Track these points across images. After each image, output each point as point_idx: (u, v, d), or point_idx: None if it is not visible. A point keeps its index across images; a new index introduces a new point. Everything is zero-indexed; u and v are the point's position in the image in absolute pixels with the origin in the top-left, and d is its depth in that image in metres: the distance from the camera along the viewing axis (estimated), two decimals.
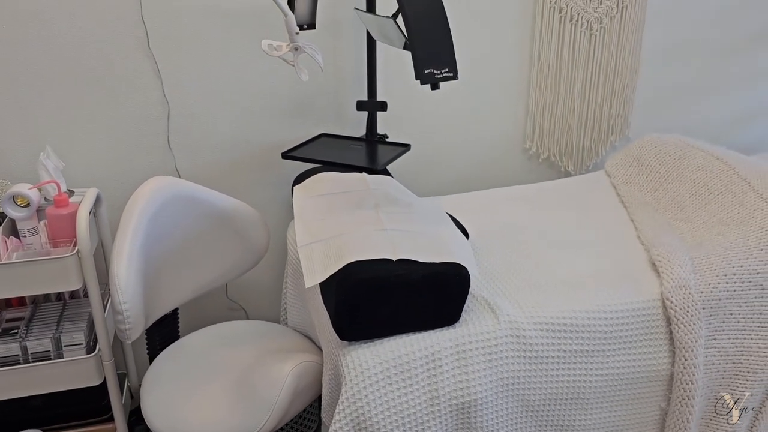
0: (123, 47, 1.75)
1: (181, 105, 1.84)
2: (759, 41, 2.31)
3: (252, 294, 2.13)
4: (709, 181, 1.68)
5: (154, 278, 1.55)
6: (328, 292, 1.28)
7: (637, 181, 1.87)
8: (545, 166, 2.26)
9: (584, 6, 2.04)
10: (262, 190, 2.00)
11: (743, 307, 1.42)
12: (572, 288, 1.42)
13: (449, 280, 1.25)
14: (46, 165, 1.61)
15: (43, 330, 1.62)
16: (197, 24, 1.78)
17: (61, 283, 1.52)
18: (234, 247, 1.72)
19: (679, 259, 1.44)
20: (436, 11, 1.15)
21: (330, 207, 1.49)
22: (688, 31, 2.21)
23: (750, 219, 1.52)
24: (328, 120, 1.98)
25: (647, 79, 2.24)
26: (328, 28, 1.87)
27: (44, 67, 1.72)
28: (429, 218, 1.46)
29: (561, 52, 2.09)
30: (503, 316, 1.31)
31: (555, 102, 2.15)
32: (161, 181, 1.54)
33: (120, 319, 1.39)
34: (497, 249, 1.60)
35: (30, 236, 1.59)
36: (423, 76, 1.13)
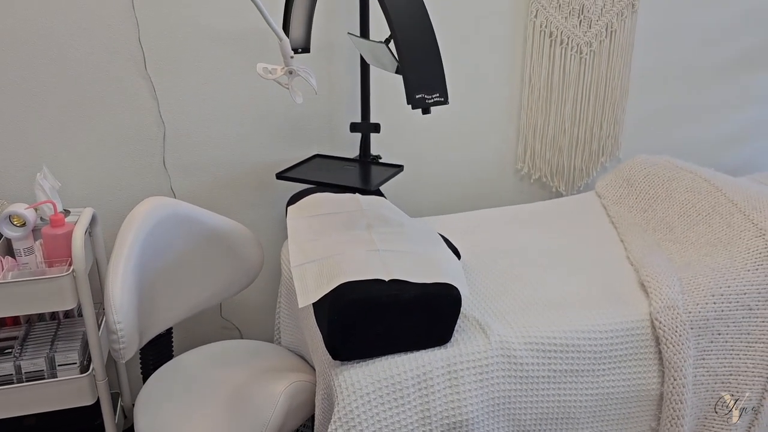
0: (120, 69, 1.77)
1: (177, 126, 1.87)
2: (745, 64, 2.35)
3: (246, 313, 2.14)
4: (697, 203, 1.71)
5: (148, 298, 1.56)
6: (320, 312, 1.30)
7: (627, 201, 1.90)
8: (537, 187, 2.29)
9: (574, 30, 2.08)
10: (256, 210, 2.02)
11: (731, 327, 1.44)
12: (562, 308, 1.43)
13: (441, 301, 1.27)
14: (42, 185, 1.62)
15: (37, 349, 1.62)
16: (194, 47, 1.81)
17: (56, 302, 1.52)
18: (228, 266, 1.73)
19: (668, 279, 1.46)
20: (427, 38, 1.18)
21: (323, 227, 1.51)
22: (676, 54, 2.26)
23: (737, 240, 1.55)
24: (322, 141, 2.01)
25: (637, 101, 2.28)
26: (322, 51, 1.90)
27: (41, 88, 1.74)
28: (421, 239, 1.48)
29: (551, 75, 2.13)
30: (494, 336, 1.32)
31: (546, 123, 2.18)
32: (156, 201, 1.55)
33: (114, 339, 1.39)
34: (488, 269, 1.62)
35: (25, 256, 1.60)
36: (414, 101, 1.15)
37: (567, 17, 2.06)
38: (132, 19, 1.74)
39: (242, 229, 1.73)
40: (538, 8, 2.03)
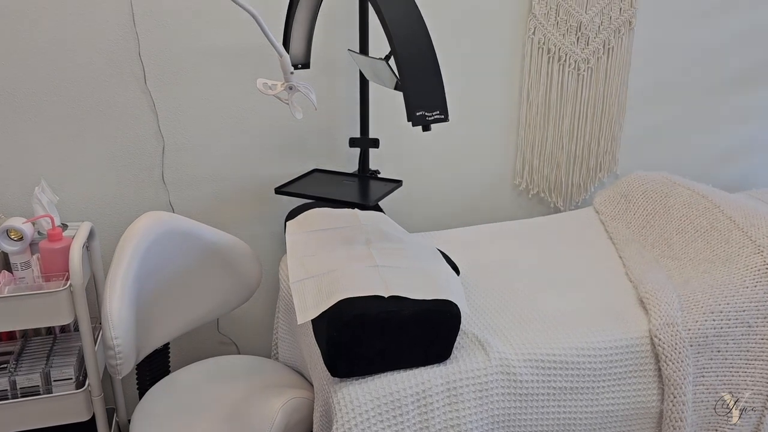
0: (120, 83, 1.78)
1: (176, 140, 1.87)
2: (741, 82, 2.37)
3: (244, 329, 2.13)
4: (695, 219, 1.71)
5: (146, 313, 1.55)
6: (319, 329, 1.29)
7: (625, 217, 1.90)
8: (535, 202, 2.29)
9: (571, 47, 2.10)
10: (255, 224, 2.02)
11: (730, 344, 1.44)
12: (562, 325, 1.43)
13: (440, 317, 1.26)
14: (40, 199, 1.62)
15: (33, 365, 1.61)
16: (194, 62, 1.81)
17: (53, 317, 1.51)
18: (226, 281, 1.73)
19: (667, 296, 1.46)
20: (428, 55, 1.18)
21: (322, 243, 1.50)
22: (672, 71, 2.27)
23: (735, 257, 1.55)
24: (321, 156, 2.01)
25: (634, 118, 2.29)
26: (322, 67, 1.91)
27: (40, 101, 1.74)
28: (420, 254, 1.48)
29: (549, 92, 2.14)
30: (493, 353, 1.32)
31: (544, 139, 2.19)
32: (154, 216, 1.55)
33: (111, 354, 1.39)
34: (487, 285, 1.62)
35: (22, 270, 1.59)
36: (415, 118, 1.16)
37: (565, 34, 2.08)
38: (132, 34, 1.74)
39: (241, 244, 1.73)
40: (536, 25, 2.05)
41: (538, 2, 2.03)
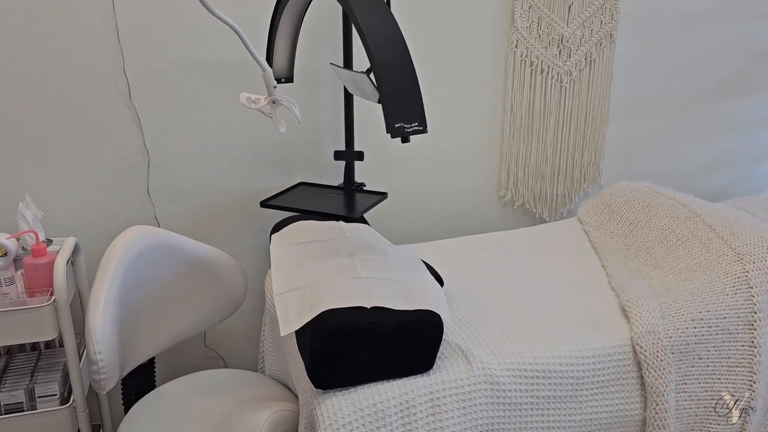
0: (105, 99, 1.79)
1: (161, 155, 1.87)
2: (721, 93, 2.41)
3: (231, 342, 2.12)
4: (677, 228, 1.73)
5: (130, 327, 1.55)
6: (303, 341, 1.29)
7: (608, 227, 1.92)
8: (520, 213, 2.31)
9: (554, 60, 2.12)
10: (240, 238, 2.02)
11: (711, 351, 1.45)
12: (545, 334, 1.44)
13: (423, 328, 1.27)
14: (24, 214, 1.62)
15: (17, 381, 1.60)
16: (178, 77, 1.82)
17: (37, 332, 1.51)
18: (212, 295, 1.73)
19: (648, 304, 1.47)
20: (406, 69, 1.20)
21: (306, 255, 1.51)
22: (654, 83, 2.31)
23: (716, 264, 1.56)
24: (306, 169, 2.02)
25: (617, 129, 2.32)
26: (306, 81, 1.93)
27: (24, 116, 1.75)
28: (404, 266, 1.48)
29: (533, 103, 2.16)
30: (477, 363, 1.32)
31: (528, 151, 2.21)
32: (139, 230, 1.55)
33: (95, 369, 1.38)
34: (471, 296, 1.62)
35: (6, 286, 1.59)
36: (394, 129, 1.17)
37: (547, 47, 2.11)
38: (117, 50, 1.75)
39: (226, 257, 1.73)
40: (519, 38, 2.08)
41: (520, 16, 2.06)
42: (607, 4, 2.12)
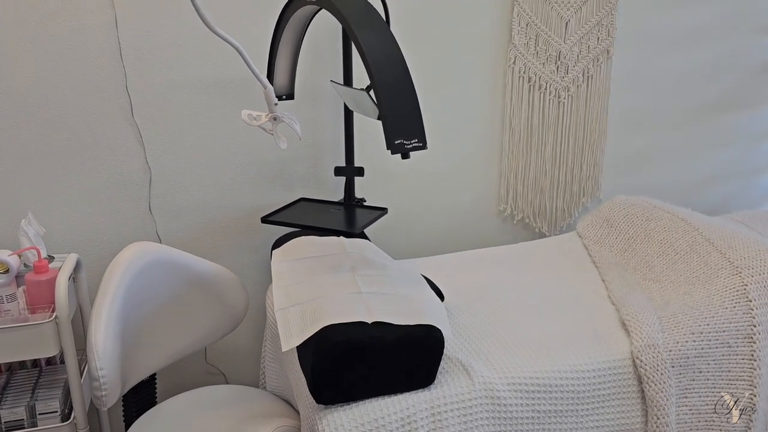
0: (107, 116, 1.80)
1: (163, 171, 1.89)
2: (717, 108, 2.43)
3: (232, 358, 2.12)
4: (675, 242, 1.74)
5: (132, 343, 1.55)
6: (304, 356, 1.30)
7: (608, 241, 1.93)
8: (520, 228, 2.32)
9: (552, 75, 2.14)
10: (242, 254, 2.03)
11: (711, 365, 1.45)
12: (545, 348, 1.44)
13: (423, 342, 1.27)
14: (27, 231, 1.63)
15: (18, 398, 1.60)
16: (179, 94, 1.84)
17: (39, 349, 1.51)
18: (213, 311, 1.73)
19: (648, 318, 1.48)
20: (405, 86, 1.22)
21: (307, 270, 1.52)
22: (651, 98, 2.33)
23: (715, 278, 1.57)
24: (307, 185, 2.03)
25: (615, 143, 2.33)
26: (307, 98, 1.94)
27: (27, 133, 1.76)
28: (404, 281, 1.49)
29: (531, 119, 2.18)
30: (477, 378, 1.33)
31: (527, 165, 2.23)
32: (141, 246, 1.56)
33: (96, 386, 1.38)
34: (472, 310, 1.63)
35: (8, 303, 1.59)
36: (394, 146, 1.19)
37: (544, 63, 2.13)
38: (120, 68, 1.77)
39: (228, 273, 1.74)
40: (516, 55, 2.10)
41: (518, 32, 2.08)
42: (604, 21, 2.14)
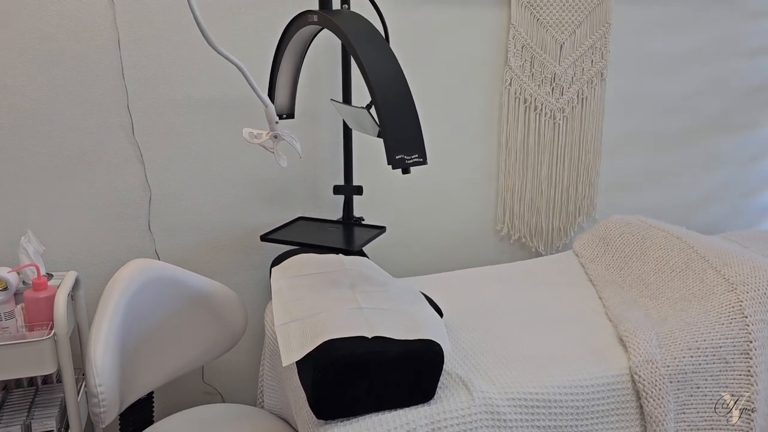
0: (108, 134, 1.82)
1: (162, 190, 1.90)
2: (710, 130, 2.47)
3: (228, 377, 2.11)
4: (671, 260, 1.76)
5: (130, 360, 1.55)
6: (304, 371, 1.30)
7: (604, 260, 1.94)
8: (516, 247, 2.33)
9: (547, 97, 2.18)
10: (240, 272, 2.03)
11: (709, 380, 1.46)
12: (544, 364, 1.45)
13: (424, 357, 1.28)
14: (26, 248, 1.63)
15: (14, 417, 1.59)
16: (181, 113, 1.86)
17: (36, 367, 1.50)
18: (212, 329, 1.73)
19: (645, 334, 1.49)
20: (405, 102, 1.24)
21: (307, 287, 1.52)
22: (644, 119, 2.37)
23: (710, 295, 1.59)
24: (305, 204, 2.05)
25: (610, 164, 2.36)
26: (306, 117, 1.97)
27: (27, 151, 1.77)
28: (403, 297, 1.50)
29: (527, 139, 2.21)
30: (477, 393, 1.33)
31: (524, 186, 2.25)
32: (141, 263, 1.56)
33: (95, 402, 1.38)
34: (471, 327, 1.63)
35: (6, 320, 1.59)
36: (395, 161, 1.20)
37: (540, 85, 2.17)
38: (121, 87, 1.79)
39: (227, 290, 1.74)
40: (512, 77, 2.14)
41: (514, 55, 2.12)
42: (597, 44, 2.19)
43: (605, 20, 2.17)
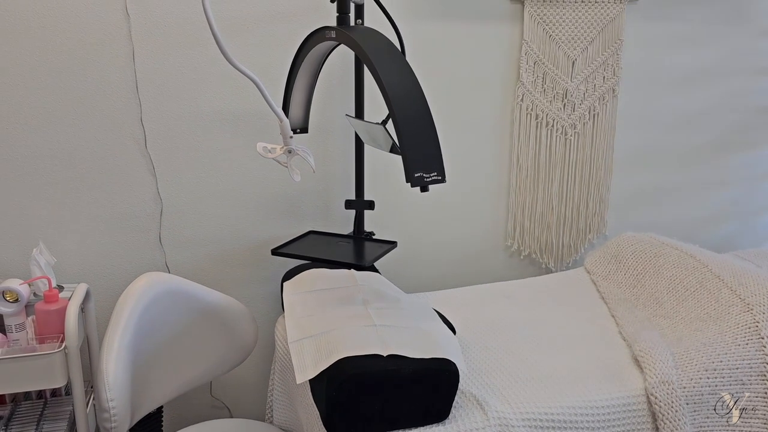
0: (120, 147, 1.82)
1: (174, 203, 1.90)
2: (721, 146, 2.46)
3: (236, 391, 2.10)
4: (685, 278, 1.74)
5: (141, 374, 1.54)
6: (318, 388, 1.29)
7: (616, 277, 1.93)
8: (527, 263, 2.32)
9: (558, 113, 2.18)
10: (251, 285, 2.02)
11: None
12: (558, 384, 1.44)
13: (439, 376, 1.27)
14: (38, 260, 1.63)
15: (23, 430, 1.58)
16: (194, 126, 1.86)
17: (46, 379, 1.49)
18: (223, 342, 1.72)
19: (661, 354, 1.47)
20: (425, 119, 1.24)
21: (319, 303, 1.52)
22: (656, 136, 2.36)
23: (726, 315, 1.57)
24: (317, 218, 2.04)
25: (621, 180, 2.36)
26: (319, 131, 1.97)
27: (40, 163, 1.77)
28: (417, 314, 1.49)
29: (538, 156, 2.21)
30: (492, 412, 1.32)
31: (534, 202, 2.25)
32: (153, 277, 1.56)
33: (106, 417, 1.37)
34: (484, 344, 1.62)
35: (17, 332, 1.58)
36: (413, 179, 1.20)
37: (551, 101, 2.16)
38: (135, 100, 1.80)
39: (237, 304, 1.73)
40: (524, 92, 2.13)
41: (526, 71, 2.12)
42: (609, 61, 2.19)
43: (617, 37, 2.17)
